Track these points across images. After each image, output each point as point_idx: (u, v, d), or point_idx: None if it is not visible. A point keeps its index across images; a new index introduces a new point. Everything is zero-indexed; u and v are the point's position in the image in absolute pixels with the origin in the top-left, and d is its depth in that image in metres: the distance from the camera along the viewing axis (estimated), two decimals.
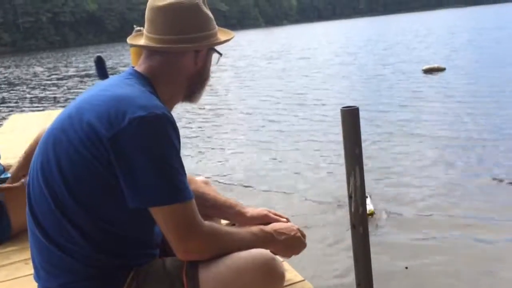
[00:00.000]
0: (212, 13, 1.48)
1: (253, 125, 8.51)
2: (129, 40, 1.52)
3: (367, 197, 7.25)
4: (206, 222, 1.34)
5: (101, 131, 1.22)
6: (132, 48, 5.14)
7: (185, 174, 1.32)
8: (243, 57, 25.74)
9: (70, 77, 22.77)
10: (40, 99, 15.38)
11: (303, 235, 1.63)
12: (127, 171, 1.23)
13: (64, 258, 1.28)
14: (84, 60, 35.18)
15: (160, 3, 1.38)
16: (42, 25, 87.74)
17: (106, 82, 1.45)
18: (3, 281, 2.08)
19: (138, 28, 5.03)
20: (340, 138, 1.52)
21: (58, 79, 22.14)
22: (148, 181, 1.23)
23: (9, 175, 2.59)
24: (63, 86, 18.93)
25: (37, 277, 1.37)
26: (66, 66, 31.23)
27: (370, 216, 4.80)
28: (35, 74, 26.71)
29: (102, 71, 7.25)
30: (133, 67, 1.47)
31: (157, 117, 1.25)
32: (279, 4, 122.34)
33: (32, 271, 1.38)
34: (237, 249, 1.36)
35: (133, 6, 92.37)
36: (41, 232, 1.30)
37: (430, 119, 8.07)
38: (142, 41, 1.45)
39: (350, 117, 1.43)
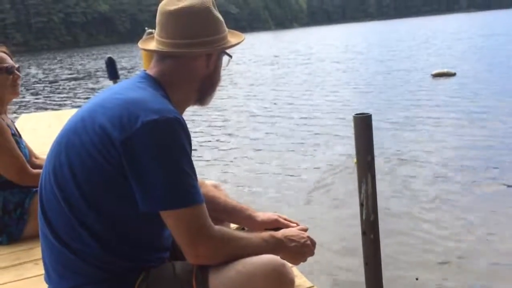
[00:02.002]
0: (222, 15, 1.47)
1: (263, 131, 8.44)
2: (140, 44, 1.52)
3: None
4: (217, 227, 1.34)
5: (114, 134, 1.22)
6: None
7: (196, 178, 1.31)
8: (250, 60, 25.76)
9: (79, 77, 22.94)
10: (49, 100, 15.50)
11: (313, 243, 1.61)
12: (139, 175, 1.23)
13: (75, 260, 1.29)
14: (94, 61, 35.41)
15: (171, 8, 1.38)
16: (54, 25, 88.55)
17: (118, 85, 1.45)
18: (13, 281, 2.09)
19: (150, 30, 5.05)
20: (348, 145, 1.51)
21: (67, 79, 22.30)
22: (159, 185, 1.23)
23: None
24: (73, 86, 19.08)
25: (48, 279, 1.37)
26: (75, 66, 31.47)
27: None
28: (46, 74, 26.94)
29: (112, 72, 7.31)
30: (145, 70, 1.47)
31: (169, 121, 1.25)
32: (289, 7, 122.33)
33: (41, 271, 1.39)
34: (247, 255, 1.35)
35: (144, 7, 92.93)
36: (52, 234, 1.31)
37: (439, 124, 8.02)
38: (153, 45, 1.44)
39: (363, 124, 1.42)
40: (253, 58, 25.97)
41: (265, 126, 8.76)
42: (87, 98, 14.62)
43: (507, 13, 75.77)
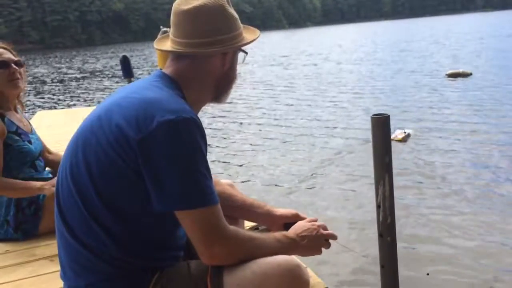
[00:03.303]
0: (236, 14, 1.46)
1: (278, 131, 8.39)
2: (156, 44, 1.52)
3: (405, 132, 7.36)
4: (232, 227, 1.34)
5: (130, 133, 1.23)
6: None
7: (211, 178, 1.31)
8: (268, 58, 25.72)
9: (94, 75, 23.16)
10: (64, 97, 15.67)
11: (325, 227, 1.55)
12: (155, 174, 1.23)
13: (91, 258, 1.29)
14: (109, 59, 35.69)
15: (185, 7, 1.37)
16: (69, 24, 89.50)
17: (135, 84, 1.45)
18: (29, 277, 2.11)
19: (165, 29, 5.06)
20: (365, 145, 1.48)
21: (82, 78, 22.53)
22: (174, 185, 1.23)
23: (50, 175, 2.62)
24: (88, 84, 19.26)
25: (64, 276, 1.38)
26: (89, 64, 31.75)
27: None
28: (60, 71, 27.25)
29: (127, 70, 7.35)
30: (161, 69, 1.47)
31: (185, 121, 1.24)
32: (302, 6, 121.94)
33: (57, 268, 1.40)
34: (262, 255, 1.35)
35: (158, 6, 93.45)
36: (69, 232, 1.32)
37: (457, 125, 7.91)
38: (168, 45, 1.44)
39: (381, 125, 1.40)
40: (262, 58, 25.88)
41: (275, 129, 8.64)
42: (101, 96, 14.75)
43: None
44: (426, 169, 5.80)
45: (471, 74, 13.26)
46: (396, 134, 7.11)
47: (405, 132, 7.28)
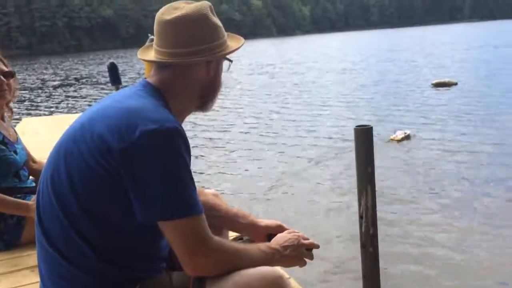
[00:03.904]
0: (225, 22, 1.46)
1: (261, 141, 8.36)
2: (140, 54, 1.51)
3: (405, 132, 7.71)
4: (216, 238, 1.33)
5: (112, 143, 1.22)
6: None
7: (195, 188, 1.31)
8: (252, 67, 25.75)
9: (80, 82, 22.98)
10: (49, 104, 15.51)
11: (306, 238, 1.56)
12: (137, 185, 1.22)
13: (71, 270, 1.28)
14: (97, 66, 35.46)
15: (168, 17, 1.37)
16: (57, 30, 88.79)
17: (119, 93, 1.45)
18: None
19: (152, 37, 5.04)
20: (348, 157, 1.49)
21: (68, 84, 22.34)
22: (157, 195, 1.22)
23: (34, 183, 2.58)
24: (74, 91, 19.10)
25: (43, 287, 1.36)
26: (77, 71, 31.52)
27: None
28: (45, 78, 27.00)
29: (115, 77, 7.30)
30: (145, 78, 1.47)
31: (168, 131, 1.24)
32: (292, 14, 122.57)
33: (38, 279, 1.38)
34: (246, 266, 1.34)
35: (148, 13, 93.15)
36: (48, 242, 1.30)
37: (437, 135, 8.00)
38: (152, 55, 1.44)
39: (364, 136, 1.41)
40: (249, 67, 25.83)
41: (258, 138, 8.61)
42: (88, 103, 14.64)
43: (508, 23, 75.99)
44: (412, 173, 5.86)
45: (456, 83, 13.44)
46: (397, 134, 7.59)
47: (405, 133, 7.71)
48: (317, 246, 1.56)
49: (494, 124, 8.51)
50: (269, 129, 9.31)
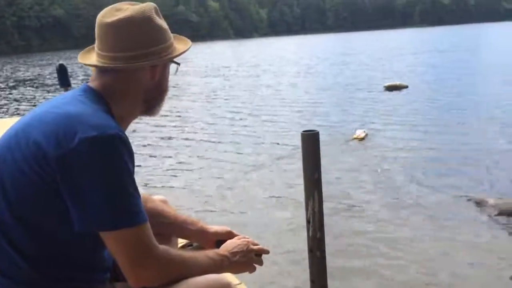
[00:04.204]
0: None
1: (212, 146, 8.23)
2: (80, 57, 1.44)
3: (364, 131, 8.09)
4: (162, 247, 1.29)
5: (48, 150, 1.17)
6: None
7: (139, 196, 1.27)
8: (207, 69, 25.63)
9: (26, 84, 22.11)
10: None
11: (256, 244, 1.56)
12: (75, 193, 1.17)
13: (3, 282, 1.21)
14: (45, 67, 34.21)
15: (109, 19, 1.31)
16: (5, 29, 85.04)
17: (58, 98, 1.38)
18: None
19: None
20: (298, 161, 1.50)
21: (13, 86, 21.43)
22: (97, 205, 1.17)
23: None
24: (20, 93, 18.34)
25: None
26: (25, 72, 30.30)
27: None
28: None
29: (64, 79, 7.06)
30: (87, 82, 1.41)
31: (109, 137, 1.19)
32: (249, 17, 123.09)
33: None
34: (193, 275, 1.32)
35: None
36: None
37: (392, 135, 8.25)
38: (94, 58, 1.38)
39: (310, 141, 1.41)
40: (204, 69, 25.68)
41: (207, 144, 8.46)
42: (33, 106, 14.08)
43: (456, 28, 79.65)
44: (364, 174, 5.99)
45: (407, 86, 13.91)
46: (359, 133, 7.99)
47: (364, 132, 8.09)
48: (267, 252, 1.56)
49: (443, 125, 8.87)
50: (220, 134, 9.20)
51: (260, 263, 1.55)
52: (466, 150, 7.04)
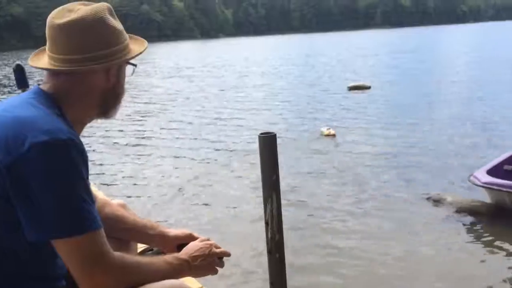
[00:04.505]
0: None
1: (166, 150, 8.07)
2: (31, 60, 1.39)
3: (328, 128, 8.34)
4: (116, 253, 1.26)
5: None
6: None
7: (93, 202, 1.24)
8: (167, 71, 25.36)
9: None
10: None
11: (218, 247, 1.55)
12: (27, 201, 1.13)
13: None
14: (2, 67, 32.99)
15: (60, 21, 1.27)
16: None
17: (7, 101, 1.33)
18: None
19: None
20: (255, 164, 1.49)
21: None
22: (49, 212, 1.14)
23: None
24: None
25: None
26: None
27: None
28: None
29: (21, 80, 6.81)
30: (38, 85, 1.37)
31: (61, 142, 1.16)
32: (215, 17, 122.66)
33: None
34: (151, 280, 1.30)
35: None
36: None
37: (355, 135, 8.40)
38: (45, 61, 1.34)
39: (268, 144, 1.42)
40: (168, 70, 25.33)
41: (167, 146, 8.32)
42: None
43: (416, 30, 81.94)
44: (326, 174, 6.06)
45: (370, 87, 14.22)
46: (323, 130, 8.31)
47: (328, 129, 8.33)
48: (228, 254, 1.55)
49: (403, 124, 9.09)
50: (182, 136, 9.07)
51: (221, 265, 1.54)
52: (424, 149, 7.25)
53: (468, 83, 14.40)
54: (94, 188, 3.38)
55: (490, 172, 4.79)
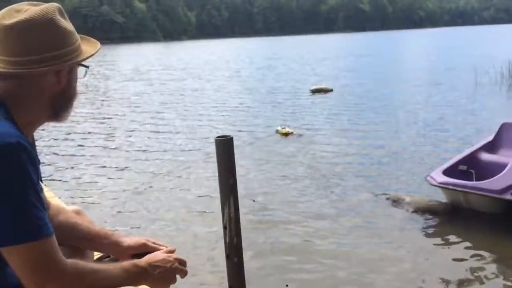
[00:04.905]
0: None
1: (123, 154, 7.93)
2: None
3: (284, 127, 8.65)
4: (69, 261, 1.23)
5: None
6: None
7: (44, 208, 1.20)
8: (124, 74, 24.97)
9: None
10: None
11: (183, 263, 1.55)
12: None
13: None
14: None
15: (7, 22, 1.23)
16: None
17: None
18: None
19: None
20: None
21: None
22: None
23: None
24: None
25: None
26: None
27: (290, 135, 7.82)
28: None
29: None
30: None
31: (9, 146, 1.12)
32: (177, 19, 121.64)
33: None
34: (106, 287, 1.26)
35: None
36: None
37: (317, 137, 8.51)
38: None
39: (225, 147, 1.41)
40: (126, 72, 24.83)
41: (124, 151, 8.16)
42: None
43: (376, 35, 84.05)
44: (289, 175, 6.10)
45: (332, 90, 14.46)
46: (279, 128, 8.57)
47: (284, 128, 8.57)
48: (186, 274, 1.53)
49: (363, 126, 9.29)
50: (139, 140, 8.89)
51: (174, 281, 1.53)
52: (384, 150, 7.43)
53: (425, 87, 14.86)
54: (50, 194, 3.30)
55: (446, 172, 4.95)
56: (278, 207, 5.24)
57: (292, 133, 8.52)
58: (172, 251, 1.56)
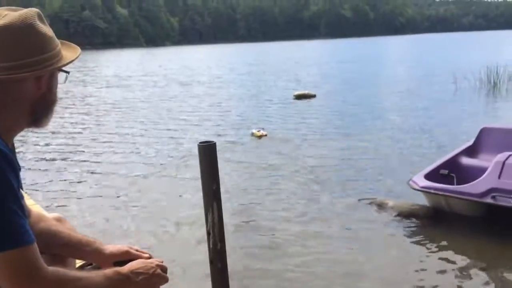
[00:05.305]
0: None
1: (103, 161, 7.84)
2: None
3: (260, 129, 8.87)
4: (51, 268, 1.21)
5: None
6: None
7: (25, 215, 1.18)
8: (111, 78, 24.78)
9: None
10: None
11: (164, 269, 1.55)
12: None
13: None
14: None
15: None
16: None
17: None
18: None
19: None
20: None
21: None
22: None
23: None
24: None
25: None
26: None
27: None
28: None
29: None
30: None
31: None
32: (160, 25, 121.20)
33: None
34: None
35: None
36: None
37: (301, 142, 8.55)
38: None
39: (207, 152, 1.41)
40: (107, 78, 24.52)
41: (105, 158, 8.06)
42: None
43: (358, 41, 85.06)
44: (273, 180, 6.11)
45: (315, 95, 14.56)
46: (254, 131, 8.78)
47: (259, 131, 8.76)
48: (166, 280, 1.52)
49: (346, 131, 9.37)
50: (119, 147, 8.78)
51: (164, 281, 1.52)
52: (367, 155, 7.51)
53: (406, 92, 15.06)
54: (31, 201, 3.25)
55: (427, 176, 5.01)
56: (261, 212, 5.24)
57: (266, 135, 8.75)
58: (158, 260, 1.56)
